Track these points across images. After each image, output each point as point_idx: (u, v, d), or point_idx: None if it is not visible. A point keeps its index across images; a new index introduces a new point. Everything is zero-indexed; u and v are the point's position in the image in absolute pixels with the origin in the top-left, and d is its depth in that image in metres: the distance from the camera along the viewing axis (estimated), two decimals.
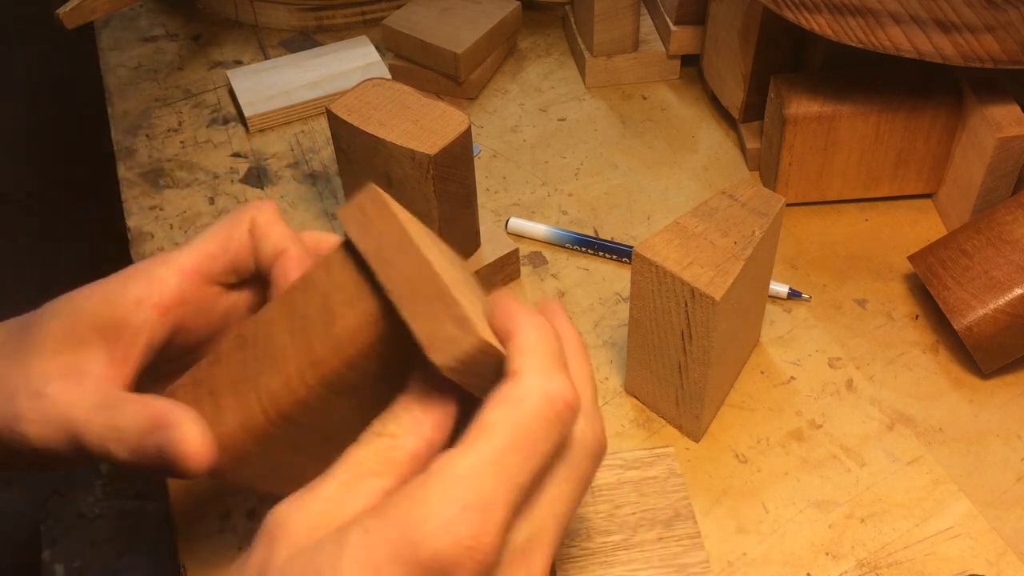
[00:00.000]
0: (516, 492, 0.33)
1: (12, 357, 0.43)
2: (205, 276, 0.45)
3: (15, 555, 1.31)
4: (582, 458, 0.36)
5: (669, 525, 0.48)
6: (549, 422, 0.34)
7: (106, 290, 0.43)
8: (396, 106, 0.57)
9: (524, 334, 0.36)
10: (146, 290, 0.43)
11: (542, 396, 0.34)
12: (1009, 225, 0.58)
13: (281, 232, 0.45)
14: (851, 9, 0.61)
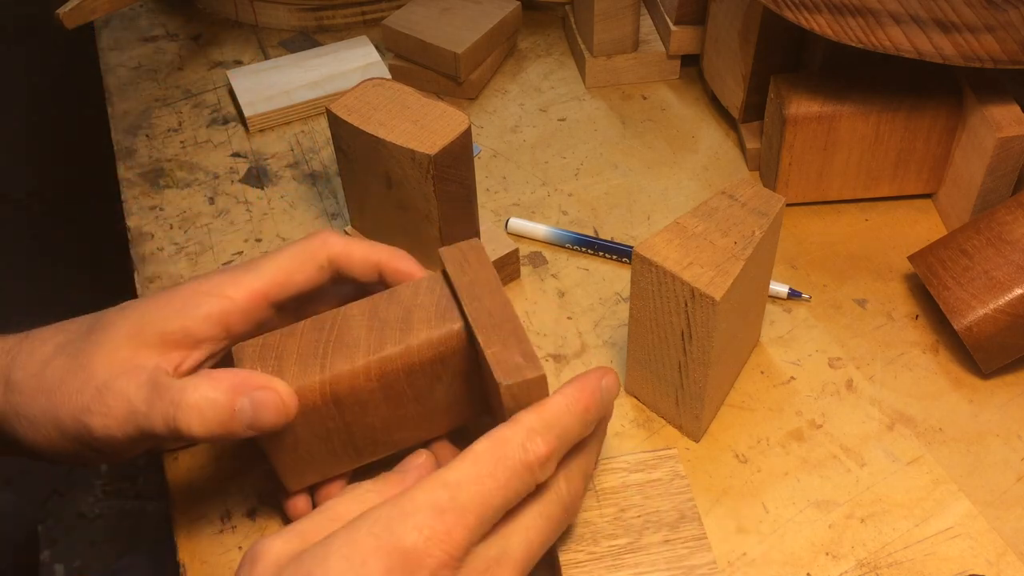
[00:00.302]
0: (488, 509, 0.39)
1: (76, 357, 0.46)
2: (270, 301, 0.49)
3: (15, 555, 1.31)
4: (555, 504, 0.43)
5: (675, 527, 0.48)
6: (523, 466, 0.40)
7: (181, 302, 0.47)
8: (396, 106, 0.57)
9: (554, 399, 0.43)
10: (217, 308, 0.47)
11: (521, 446, 0.40)
12: (1009, 225, 0.58)
13: (363, 247, 0.50)
14: (851, 9, 0.61)
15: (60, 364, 0.47)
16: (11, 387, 0.47)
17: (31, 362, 0.47)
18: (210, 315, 0.47)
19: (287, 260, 0.49)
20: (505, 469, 0.40)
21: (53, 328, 0.49)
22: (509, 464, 0.40)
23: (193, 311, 0.47)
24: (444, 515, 0.38)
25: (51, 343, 0.48)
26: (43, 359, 0.47)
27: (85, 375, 0.46)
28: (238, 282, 0.48)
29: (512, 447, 0.40)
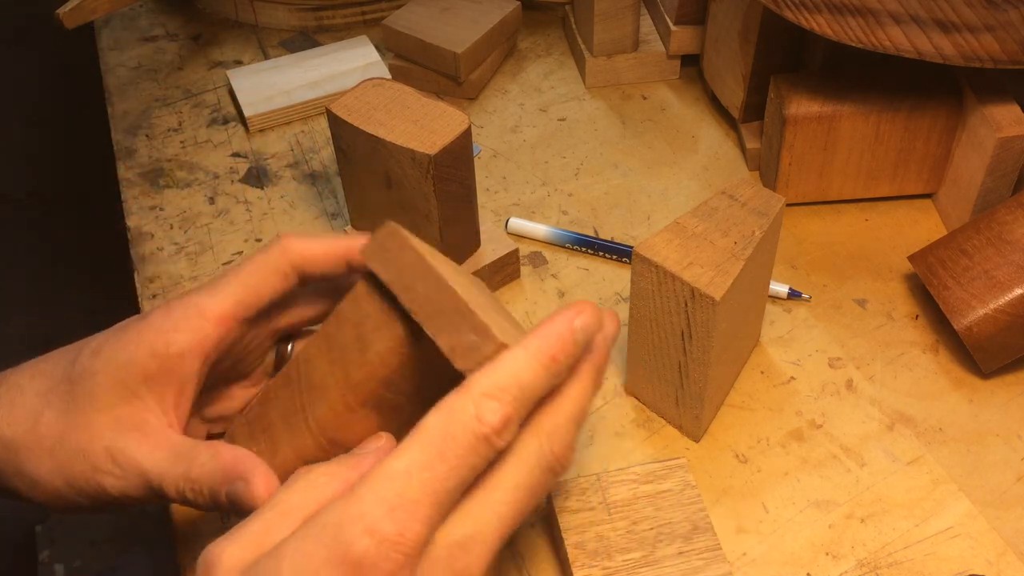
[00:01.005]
0: (443, 494, 0.36)
1: (68, 415, 0.46)
2: (239, 320, 0.47)
3: (15, 555, 1.31)
4: (529, 471, 0.39)
5: (688, 539, 0.48)
6: (477, 439, 0.37)
7: (150, 343, 0.46)
8: (396, 106, 0.57)
9: (511, 353, 0.39)
10: (189, 343, 0.45)
11: (473, 416, 0.37)
12: (1009, 225, 0.58)
13: (324, 245, 0.48)
14: (851, 9, 0.61)
15: (52, 420, 0.46)
16: (3, 444, 0.46)
17: (16, 416, 0.46)
18: (183, 352, 0.45)
19: (249, 276, 0.47)
20: (457, 447, 0.36)
21: (22, 373, 0.48)
22: (461, 440, 0.36)
23: (167, 350, 0.45)
24: (394, 513, 0.35)
25: (30, 392, 0.47)
26: (29, 413, 0.46)
27: (87, 436, 0.45)
28: (202, 312, 0.46)
29: (463, 419, 0.37)
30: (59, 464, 0.45)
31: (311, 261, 0.48)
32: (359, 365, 0.43)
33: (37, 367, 0.48)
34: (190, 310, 0.46)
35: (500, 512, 0.38)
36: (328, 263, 0.48)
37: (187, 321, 0.46)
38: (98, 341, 0.47)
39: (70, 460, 0.45)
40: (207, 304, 0.46)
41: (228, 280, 0.47)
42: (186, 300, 0.46)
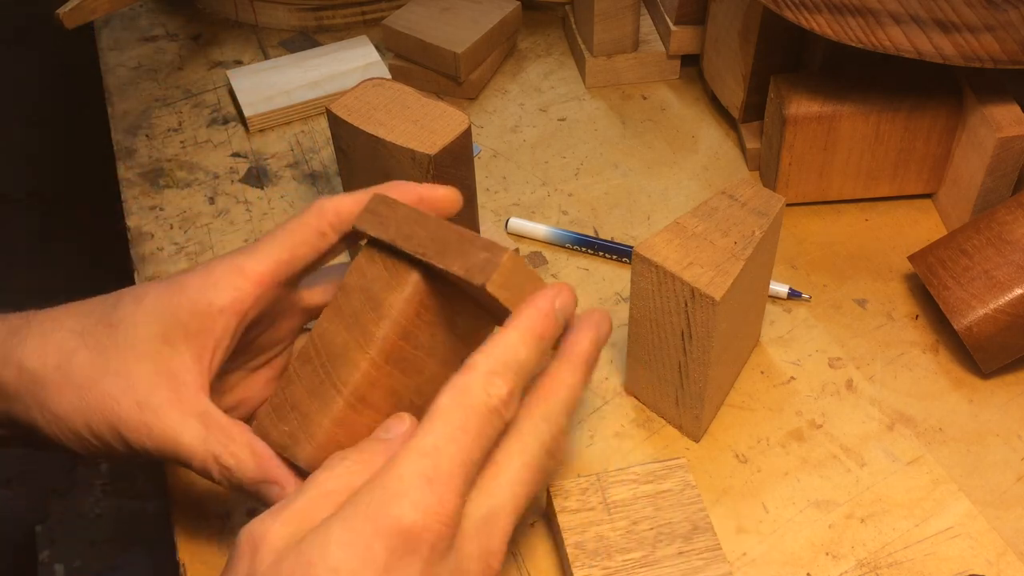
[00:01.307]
0: (469, 465, 0.39)
1: (104, 357, 0.46)
2: (278, 281, 0.48)
3: (14, 555, 1.31)
4: (536, 450, 0.42)
5: (688, 539, 0.48)
6: (489, 411, 0.40)
7: (191, 298, 0.47)
8: (396, 106, 0.57)
9: (504, 333, 0.42)
10: (228, 300, 0.47)
11: (483, 391, 0.40)
12: (1009, 225, 0.58)
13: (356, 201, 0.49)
14: (851, 9, 0.61)
15: (86, 359, 0.46)
16: (30, 376, 0.46)
17: (48, 349, 0.46)
18: (223, 308, 0.47)
19: (288, 237, 0.48)
20: (475, 419, 0.39)
21: (58, 309, 0.48)
22: (477, 413, 0.39)
23: (208, 308, 0.46)
24: (432, 485, 0.37)
25: (64, 328, 0.47)
26: (62, 348, 0.46)
27: (121, 382, 0.45)
28: (242, 271, 0.47)
29: (475, 394, 0.40)
30: (86, 405, 0.45)
31: (345, 215, 0.49)
32: (376, 322, 0.45)
33: (74, 306, 0.48)
34: (231, 269, 0.47)
35: (514, 489, 0.41)
36: None
37: (227, 279, 0.47)
38: (141, 290, 0.48)
39: (99, 404, 0.45)
40: (247, 264, 0.47)
41: (267, 242, 0.48)
42: (227, 260, 0.48)
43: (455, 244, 0.44)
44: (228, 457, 0.46)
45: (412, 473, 0.38)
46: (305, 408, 0.46)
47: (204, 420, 0.46)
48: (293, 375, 0.47)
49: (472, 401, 0.40)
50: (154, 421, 0.45)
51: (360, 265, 0.47)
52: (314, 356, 0.46)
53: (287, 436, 0.46)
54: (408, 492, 0.37)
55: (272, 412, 0.47)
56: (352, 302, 0.46)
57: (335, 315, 0.46)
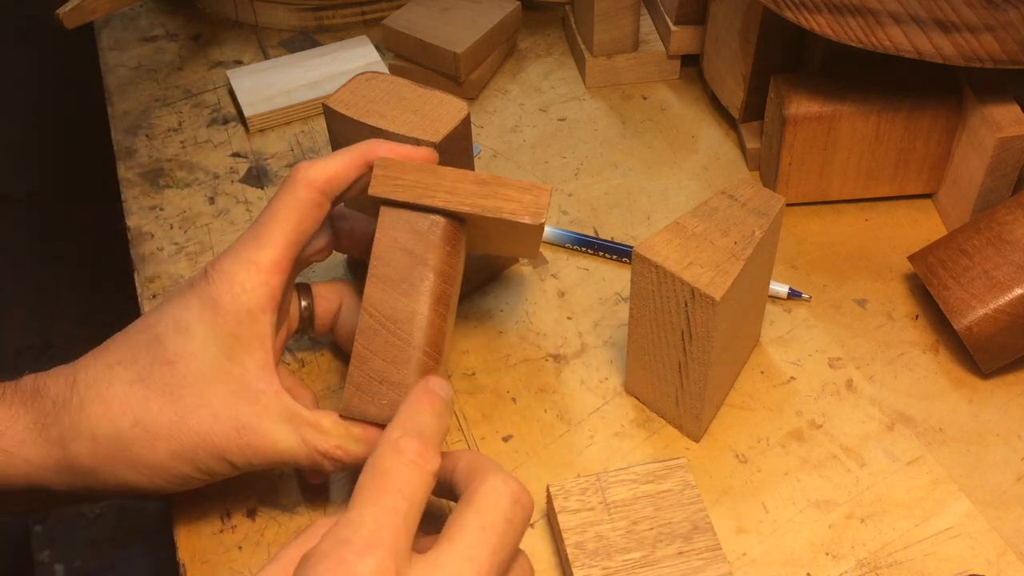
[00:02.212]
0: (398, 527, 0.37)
1: (177, 392, 0.46)
2: (292, 262, 0.49)
3: (14, 555, 1.31)
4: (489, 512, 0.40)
5: (688, 539, 0.48)
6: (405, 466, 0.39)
7: (231, 311, 0.47)
8: (393, 98, 0.57)
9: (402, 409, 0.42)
10: (263, 300, 0.47)
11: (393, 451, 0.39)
12: (1009, 225, 0.58)
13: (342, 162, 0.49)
14: (851, 9, 0.61)
15: (161, 405, 0.45)
16: (111, 443, 0.45)
17: (114, 410, 0.45)
18: (263, 307, 0.47)
19: (287, 217, 0.48)
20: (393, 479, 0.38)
21: (92, 367, 0.47)
22: (392, 472, 0.38)
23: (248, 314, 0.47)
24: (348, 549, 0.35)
25: (117, 383, 0.46)
26: (128, 403, 0.45)
27: (207, 414, 0.46)
28: (260, 266, 0.47)
29: (386, 457, 0.39)
30: (182, 448, 0.46)
31: (337, 180, 0.49)
32: (433, 280, 0.48)
33: (109, 357, 0.47)
34: (250, 268, 0.47)
35: (470, 555, 0.38)
36: (353, 173, 0.50)
37: (252, 279, 0.47)
38: (176, 317, 0.47)
39: (194, 443, 0.46)
40: (261, 257, 0.47)
41: (270, 228, 0.48)
42: (240, 258, 0.47)
43: (490, 191, 0.48)
44: (334, 451, 0.47)
45: (331, 543, 0.36)
46: (395, 377, 0.48)
47: (294, 422, 0.47)
48: (364, 352, 0.48)
49: (384, 462, 0.38)
50: (252, 439, 0.46)
51: (387, 230, 0.48)
52: (380, 328, 0.48)
53: (388, 407, 0.47)
54: (325, 559, 0.35)
55: (359, 392, 0.48)
56: (397, 268, 0.48)
57: (384, 284, 0.48)
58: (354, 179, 0.50)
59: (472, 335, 0.62)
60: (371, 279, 0.48)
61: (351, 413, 0.48)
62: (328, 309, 0.55)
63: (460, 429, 0.57)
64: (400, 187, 0.48)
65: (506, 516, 0.39)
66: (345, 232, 0.54)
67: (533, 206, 0.48)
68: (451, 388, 0.45)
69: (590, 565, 0.47)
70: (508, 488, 0.40)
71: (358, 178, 0.50)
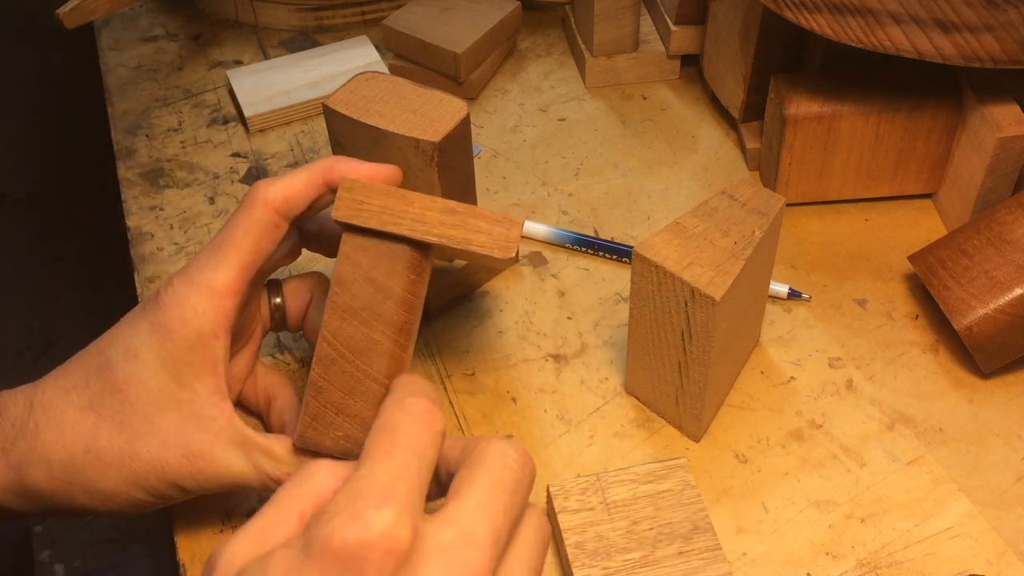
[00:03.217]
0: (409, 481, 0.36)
1: (126, 420, 0.46)
2: (247, 284, 0.48)
3: (14, 555, 1.31)
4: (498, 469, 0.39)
5: (688, 539, 0.48)
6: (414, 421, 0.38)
7: (182, 336, 0.46)
8: (392, 97, 0.57)
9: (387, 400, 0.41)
10: (215, 324, 0.47)
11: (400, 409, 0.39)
12: (1009, 225, 0.58)
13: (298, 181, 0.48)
14: (851, 9, 0.61)
15: (111, 434, 0.46)
16: (64, 468, 0.46)
17: (67, 436, 0.46)
18: (215, 331, 0.46)
19: (244, 238, 0.47)
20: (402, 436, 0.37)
21: (48, 390, 0.47)
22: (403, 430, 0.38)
23: (200, 338, 0.46)
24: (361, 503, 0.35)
25: (70, 409, 0.46)
26: (81, 430, 0.46)
27: (156, 441, 0.46)
28: (214, 289, 0.46)
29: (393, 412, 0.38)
30: (132, 475, 0.46)
31: (295, 201, 0.48)
32: (395, 310, 0.46)
33: (64, 381, 0.47)
34: (203, 291, 0.46)
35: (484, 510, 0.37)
36: (310, 193, 0.48)
37: (204, 304, 0.46)
38: (126, 343, 0.47)
39: (144, 470, 0.46)
40: (216, 280, 0.47)
41: (225, 249, 0.47)
42: (193, 280, 0.47)
43: (460, 221, 0.46)
44: (285, 479, 0.45)
45: (345, 498, 0.35)
46: (352, 409, 0.46)
47: (246, 447, 0.47)
48: (321, 382, 0.47)
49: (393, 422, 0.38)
50: (203, 466, 0.46)
51: (350, 256, 0.46)
52: (338, 358, 0.46)
53: (343, 439, 0.47)
54: (340, 513, 0.35)
55: (314, 422, 0.47)
56: (359, 296, 0.46)
57: (344, 313, 0.46)
58: (313, 199, 0.48)
59: (472, 335, 0.62)
60: (330, 306, 0.47)
61: (305, 443, 0.47)
62: (299, 307, 0.54)
63: (460, 429, 0.57)
64: (365, 212, 0.46)
65: (515, 475, 0.38)
66: (313, 233, 0.53)
67: (503, 239, 0.46)
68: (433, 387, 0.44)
69: (590, 565, 0.47)
70: (514, 450, 0.39)
71: (317, 198, 0.49)
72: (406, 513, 0.35)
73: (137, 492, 0.46)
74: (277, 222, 0.48)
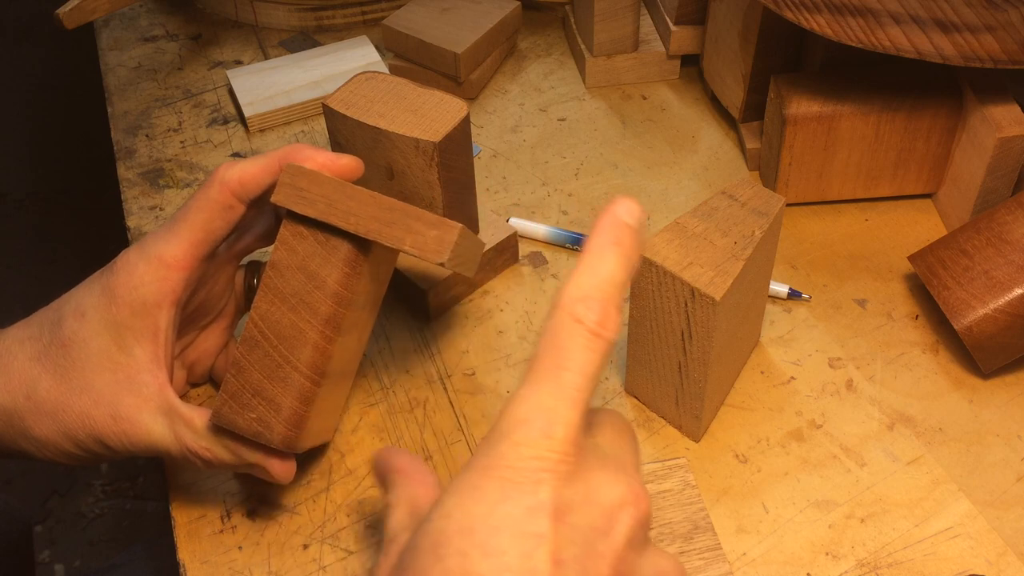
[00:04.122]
0: (577, 393, 0.35)
1: (66, 380, 0.48)
2: (199, 260, 0.49)
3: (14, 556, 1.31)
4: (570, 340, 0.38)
5: (689, 539, 0.48)
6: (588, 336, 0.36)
7: (127, 302, 0.48)
8: (392, 97, 0.57)
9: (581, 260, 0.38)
10: (160, 294, 0.48)
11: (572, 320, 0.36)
12: (1009, 225, 0.58)
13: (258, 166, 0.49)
14: (851, 9, 0.61)
15: (50, 384, 0.48)
16: (6, 411, 0.48)
17: (13, 383, 0.48)
18: (159, 302, 0.48)
19: (197, 216, 0.49)
20: (574, 351, 0.35)
21: (8, 337, 0.50)
22: (575, 344, 0.35)
23: (147, 306, 0.48)
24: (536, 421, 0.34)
25: (22, 357, 0.49)
26: (25, 379, 0.48)
27: (88, 398, 0.48)
28: (164, 260, 0.48)
29: (566, 327, 0.36)
30: (64, 427, 0.48)
31: (251, 184, 0.49)
32: (324, 301, 0.46)
33: (22, 331, 0.50)
34: (152, 262, 0.48)
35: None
36: (267, 178, 0.49)
37: (152, 273, 0.48)
38: (78, 302, 0.49)
39: (74, 424, 0.48)
40: (165, 252, 0.48)
41: (179, 225, 0.49)
42: (145, 251, 0.48)
43: (398, 219, 0.45)
44: (203, 452, 0.48)
45: (509, 421, 0.35)
46: (268, 393, 0.47)
47: (170, 416, 0.48)
48: (244, 362, 0.47)
49: (564, 336, 0.36)
50: (128, 427, 0.48)
51: (287, 241, 0.47)
52: (263, 341, 0.47)
53: (256, 422, 0.47)
54: (505, 439, 0.35)
55: (231, 400, 0.47)
56: (290, 282, 0.47)
57: (274, 297, 0.47)
58: (269, 183, 0.49)
59: (472, 335, 0.62)
60: (262, 289, 0.47)
61: (220, 421, 0.47)
62: None
63: (460, 429, 0.57)
64: (304, 200, 0.46)
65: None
66: None
67: (436, 243, 0.45)
68: (641, 209, 0.39)
69: None
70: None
71: (274, 182, 0.50)
72: (571, 436, 0.35)
73: (67, 444, 0.48)
74: (232, 203, 0.49)
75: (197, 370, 0.56)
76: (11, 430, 0.49)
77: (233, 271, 0.55)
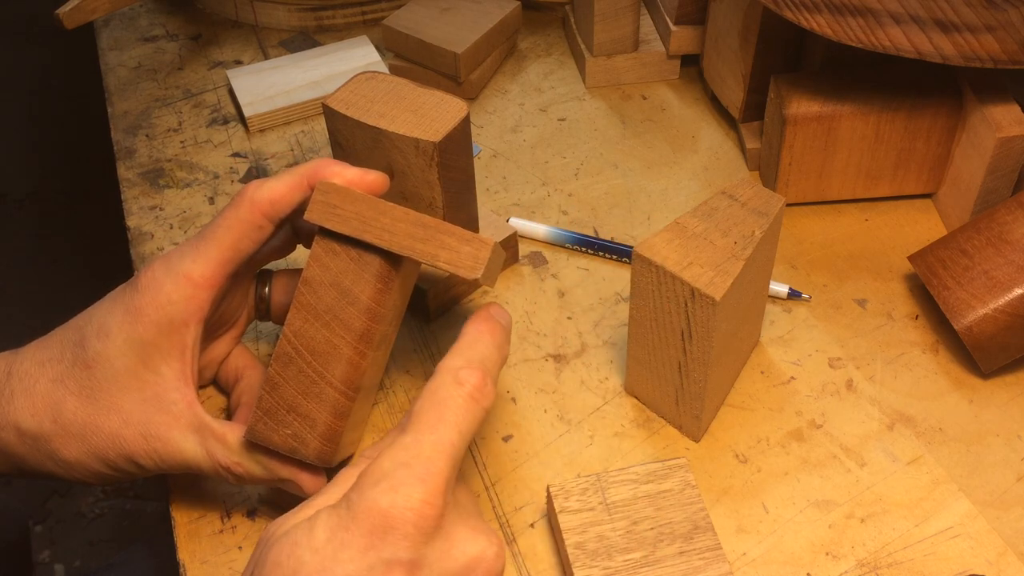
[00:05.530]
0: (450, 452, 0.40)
1: (93, 401, 0.48)
2: (224, 279, 0.49)
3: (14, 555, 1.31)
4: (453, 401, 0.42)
5: (689, 538, 0.48)
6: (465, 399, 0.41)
7: (154, 320, 0.48)
8: (392, 97, 0.57)
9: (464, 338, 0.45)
10: (186, 313, 0.48)
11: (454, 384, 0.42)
12: (1009, 225, 0.58)
13: (287, 184, 0.49)
14: (851, 9, 0.61)
15: (76, 406, 0.48)
16: (31, 436, 0.48)
17: (36, 405, 0.48)
18: (186, 320, 0.48)
19: (226, 234, 0.49)
20: (451, 411, 0.41)
21: (27, 359, 0.49)
22: (453, 404, 0.41)
23: (174, 323, 0.48)
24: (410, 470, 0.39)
25: (43, 380, 0.48)
26: (50, 402, 0.48)
27: (117, 418, 0.48)
28: (192, 279, 0.48)
29: (447, 389, 0.41)
30: (93, 448, 0.48)
31: (280, 204, 0.49)
32: (357, 317, 0.47)
33: (42, 353, 0.49)
34: (180, 280, 0.48)
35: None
36: (295, 196, 0.49)
37: (179, 292, 0.48)
38: (100, 322, 0.49)
39: (104, 444, 0.48)
40: (194, 270, 0.48)
41: (208, 242, 0.49)
42: (172, 269, 0.48)
43: (431, 236, 0.46)
44: (235, 467, 0.48)
45: (390, 463, 0.39)
46: (303, 409, 0.47)
47: (201, 433, 0.48)
48: (278, 379, 0.47)
49: (445, 395, 0.41)
50: (159, 446, 0.48)
51: (320, 258, 0.47)
52: (297, 357, 0.47)
53: (291, 438, 0.47)
54: (385, 479, 0.38)
55: (266, 417, 0.47)
56: (324, 299, 0.47)
57: (308, 314, 0.47)
58: (298, 202, 0.49)
59: None
60: (295, 306, 0.47)
61: (255, 437, 0.48)
62: (284, 301, 0.55)
63: None
64: (337, 217, 0.47)
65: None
66: (306, 231, 0.55)
67: (471, 259, 0.46)
68: (510, 315, 0.46)
69: (591, 565, 0.47)
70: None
71: (303, 201, 0.50)
72: (443, 488, 0.39)
73: (97, 464, 0.48)
74: (261, 223, 0.49)
75: (203, 376, 0.56)
76: (38, 454, 0.48)
77: (249, 284, 0.55)
